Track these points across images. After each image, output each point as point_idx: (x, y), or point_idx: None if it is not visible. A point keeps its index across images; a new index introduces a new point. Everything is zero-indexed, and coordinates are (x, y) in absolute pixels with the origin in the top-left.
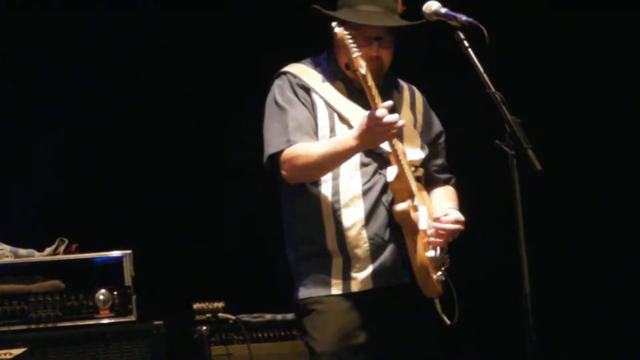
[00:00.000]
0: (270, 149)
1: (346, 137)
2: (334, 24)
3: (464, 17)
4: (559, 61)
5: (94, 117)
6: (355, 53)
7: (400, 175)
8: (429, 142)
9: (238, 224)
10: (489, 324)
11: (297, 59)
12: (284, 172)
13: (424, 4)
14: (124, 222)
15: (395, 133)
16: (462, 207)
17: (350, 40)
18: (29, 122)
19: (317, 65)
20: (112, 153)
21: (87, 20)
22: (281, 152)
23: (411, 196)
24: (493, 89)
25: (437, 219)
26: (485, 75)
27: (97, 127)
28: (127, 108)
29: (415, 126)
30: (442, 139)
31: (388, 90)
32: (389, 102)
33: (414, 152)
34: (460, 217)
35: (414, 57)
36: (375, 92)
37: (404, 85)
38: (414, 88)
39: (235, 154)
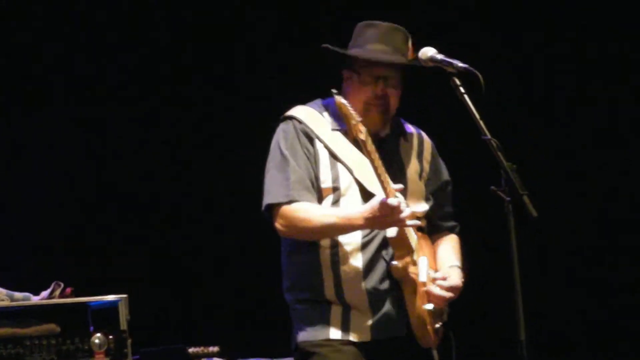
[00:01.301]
0: (268, 197)
1: (353, 215)
2: (334, 91)
3: (460, 64)
4: None
5: (89, 159)
6: (354, 120)
7: (401, 233)
8: (435, 191)
9: (233, 268)
10: None
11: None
12: (278, 226)
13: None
14: (119, 266)
15: (403, 221)
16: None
17: (350, 108)
18: (22, 164)
19: (325, 109)
20: (107, 199)
21: None
22: (279, 204)
23: (410, 252)
24: (489, 136)
25: (434, 280)
26: (481, 122)
27: (93, 170)
28: (118, 149)
29: (420, 176)
30: (449, 189)
31: (395, 137)
32: (400, 186)
33: (417, 205)
34: (457, 283)
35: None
36: (378, 163)
37: (413, 131)
38: (423, 134)
39: (228, 196)
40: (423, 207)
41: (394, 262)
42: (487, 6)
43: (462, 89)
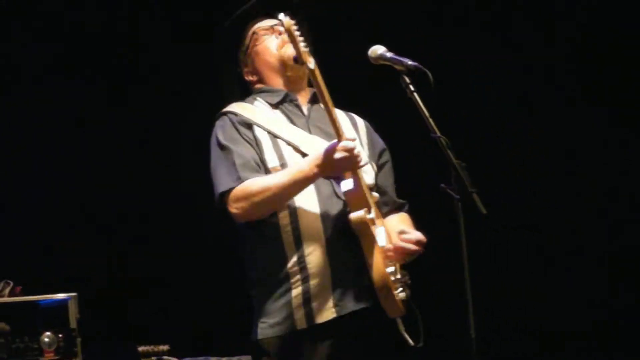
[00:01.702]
0: (220, 187)
1: (306, 165)
2: (281, 15)
3: (409, 62)
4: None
5: (46, 157)
6: (304, 47)
7: (357, 185)
8: (375, 160)
9: (184, 267)
10: None
11: None
12: (235, 210)
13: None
14: (69, 264)
15: (359, 163)
16: None
17: (298, 33)
18: None
19: (253, 100)
20: (58, 197)
21: None
22: (230, 189)
23: (368, 208)
24: (438, 133)
25: (400, 233)
26: (430, 120)
27: (47, 169)
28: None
29: (361, 144)
30: (387, 157)
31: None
32: (354, 136)
33: (366, 173)
34: (422, 237)
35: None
36: (327, 96)
37: (343, 113)
38: (354, 115)
39: (182, 189)
40: (371, 174)
41: (353, 214)
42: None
43: (411, 87)
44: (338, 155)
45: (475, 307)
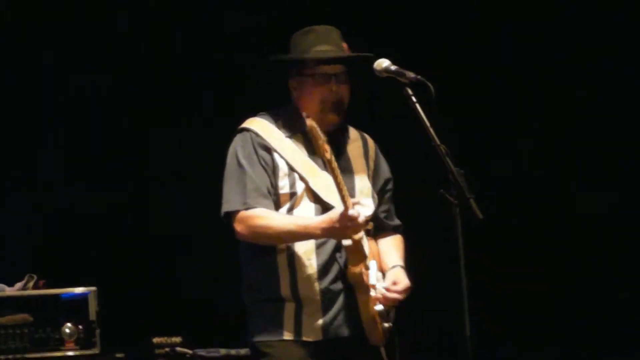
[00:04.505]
0: (226, 205)
1: (311, 224)
2: (304, 114)
3: (412, 75)
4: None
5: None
6: (321, 140)
7: (356, 241)
8: (380, 189)
9: (195, 266)
10: None
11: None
12: (237, 229)
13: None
14: (90, 260)
15: (361, 230)
16: (407, 256)
17: (319, 130)
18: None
19: (277, 120)
20: (79, 194)
21: None
22: (237, 211)
23: (364, 258)
24: (438, 142)
25: (387, 289)
26: (431, 129)
27: (67, 163)
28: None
29: (368, 175)
30: (391, 186)
31: (343, 137)
32: (357, 200)
33: (367, 205)
34: (408, 285)
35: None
36: (340, 179)
37: (356, 133)
38: (366, 136)
39: (194, 198)
40: (371, 207)
41: (351, 269)
42: None
43: (414, 98)
44: (343, 224)
45: (470, 307)
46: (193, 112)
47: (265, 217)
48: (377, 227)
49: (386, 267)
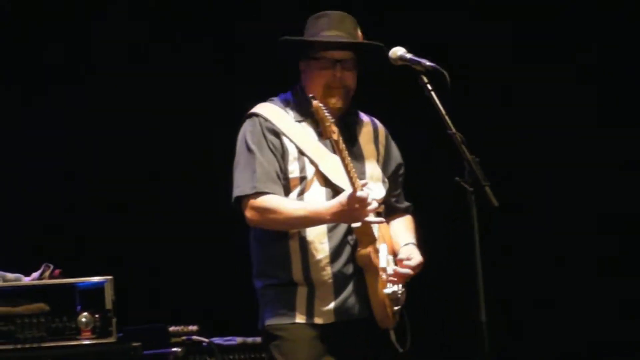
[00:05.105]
0: (237, 190)
1: (321, 209)
2: (310, 95)
3: (427, 62)
4: None
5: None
6: (328, 122)
7: (365, 223)
8: (389, 175)
9: (212, 254)
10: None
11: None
12: (248, 215)
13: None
14: (106, 249)
15: (370, 212)
16: (420, 236)
17: (326, 112)
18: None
19: (286, 105)
20: (94, 185)
21: None
22: (246, 196)
23: (374, 240)
24: (454, 130)
25: (399, 261)
26: (446, 117)
27: (82, 156)
28: (112, 136)
29: (378, 160)
30: (402, 171)
31: (354, 122)
32: (365, 181)
33: (377, 190)
34: (421, 260)
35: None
36: (348, 160)
37: (367, 119)
38: (376, 121)
39: (209, 186)
40: (381, 191)
41: (360, 251)
42: None
43: (429, 86)
44: (352, 206)
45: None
46: None
47: (275, 203)
48: (388, 210)
49: (398, 247)
